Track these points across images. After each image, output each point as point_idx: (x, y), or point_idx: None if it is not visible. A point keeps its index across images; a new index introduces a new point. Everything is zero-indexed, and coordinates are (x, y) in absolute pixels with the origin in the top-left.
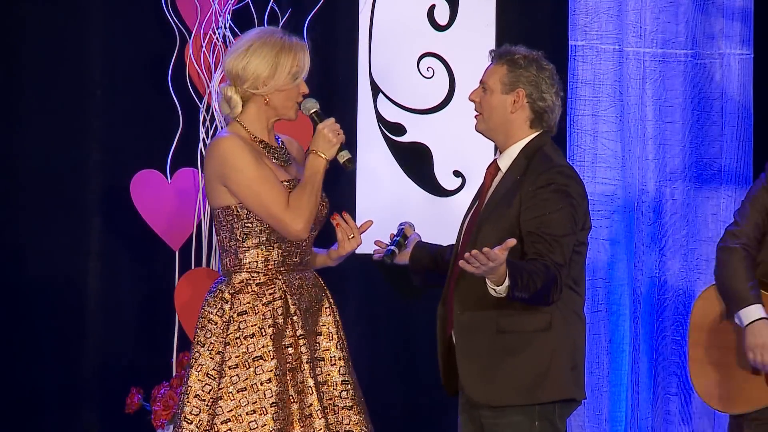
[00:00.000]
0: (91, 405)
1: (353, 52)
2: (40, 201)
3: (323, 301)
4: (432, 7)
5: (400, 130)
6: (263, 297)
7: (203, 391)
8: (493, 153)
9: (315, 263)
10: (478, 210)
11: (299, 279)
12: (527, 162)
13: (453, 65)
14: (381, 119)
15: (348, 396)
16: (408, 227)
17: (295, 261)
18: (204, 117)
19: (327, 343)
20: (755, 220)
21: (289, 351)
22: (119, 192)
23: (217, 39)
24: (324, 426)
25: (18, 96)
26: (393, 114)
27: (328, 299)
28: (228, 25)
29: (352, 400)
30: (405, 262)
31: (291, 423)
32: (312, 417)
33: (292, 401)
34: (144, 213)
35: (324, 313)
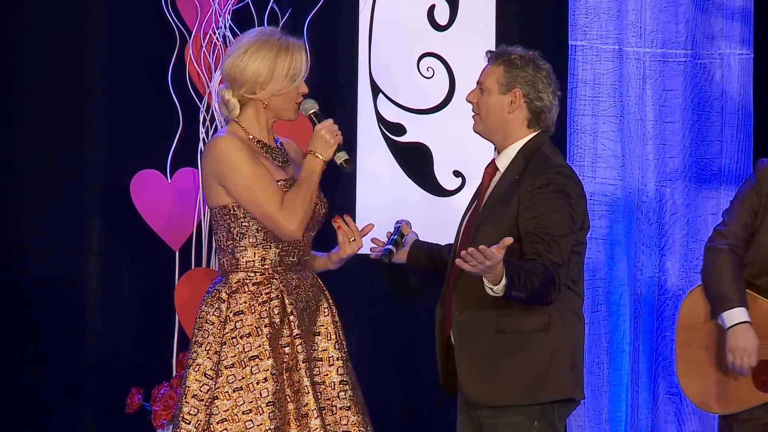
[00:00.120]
0: (91, 405)
1: (353, 52)
2: (40, 201)
3: (321, 302)
4: (432, 7)
5: (400, 130)
6: (260, 296)
7: (201, 391)
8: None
9: (316, 266)
10: (476, 210)
11: (297, 279)
12: (525, 162)
13: (453, 65)
14: (381, 119)
15: (346, 396)
16: (405, 226)
17: (293, 261)
18: (204, 117)
19: (325, 344)
20: (744, 220)
21: (286, 351)
22: (119, 192)
23: (217, 39)
24: (320, 426)
25: (18, 96)
26: (393, 114)
27: (326, 299)
28: (228, 25)
29: (350, 400)
30: (402, 261)
31: (288, 422)
32: (308, 417)
33: (288, 401)
34: (144, 213)
35: (322, 314)
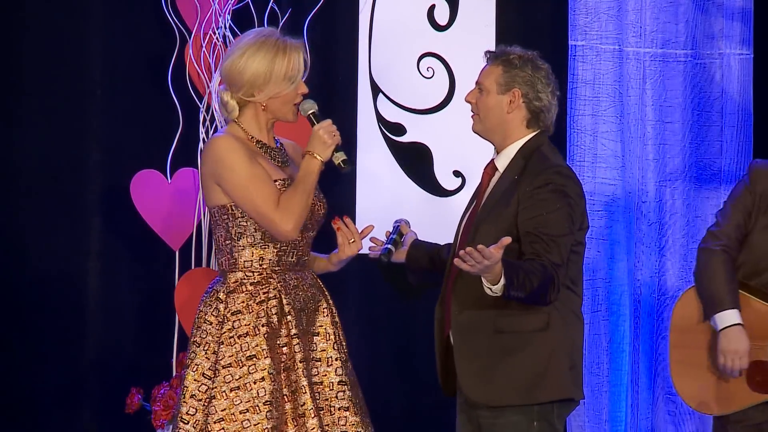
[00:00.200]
0: (91, 405)
1: (353, 52)
2: (40, 201)
3: (321, 302)
4: (432, 7)
5: (400, 130)
6: (257, 296)
7: (199, 391)
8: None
9: (316, 267)
10: (475, 210)
11: (295, 279)
12: (524, 162)
13: (453, 65)
14: (381, 119)
15: (344, 397)
16: (404, 225)
17: (292, 261)
18: (204, 117)
19: (324, 344)
20: (737, 221)
21: (284, 350)
22: (119, 192)
23: (217, 39)
24: (317, 425)
25: (18, 96)
26: (393, 114)
27: (326, 300)
28: (228, 25)
29: (348, 401)
30: (401, 260)
31: (285, 422)
32: (305, 416)
33: (286, 400)
34: (144, 213)
35: (321, 314)
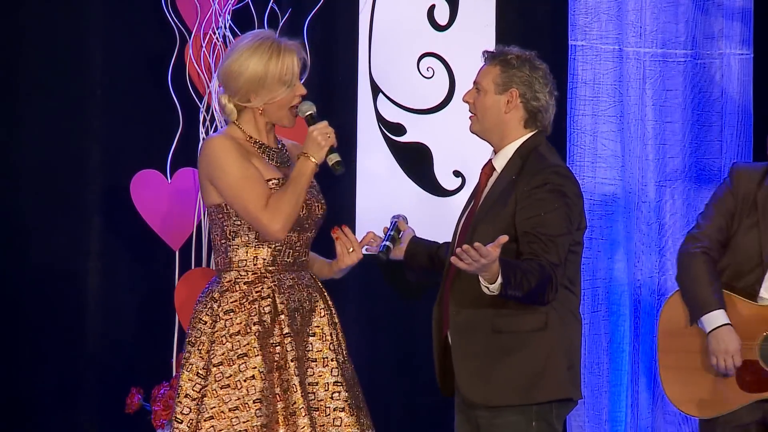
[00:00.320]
0: (91, 405)
1: (353, 52)
2: (40, 201)
3: (318, 302)
4: (432, 7)
5: (400, 130)
6: (250, 295)
7: (193, 391)
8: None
9: (319, 271)
10: (473, 210)
11: (291, 279)
12: (522, 162)
13: (453, 65)
14: (381, 119)
15: (340, 397)
16: (401, 221)
17: (288, 261)
18: (204, 117)
19: (320, 345)
20: (719, 224)
21: (277, 350)
22: (119, 192)
23: (217, 39)
24: (308, 424)
25: (18, 96)
26: (393, 114)
27: (324, 300)
28: (228, 25)
29: (344, 401)
30: (400, 257)
31: (276, 421)
32: (296, 415)
33: (278, 399)
34: (144, 213)
35: (318, 314)
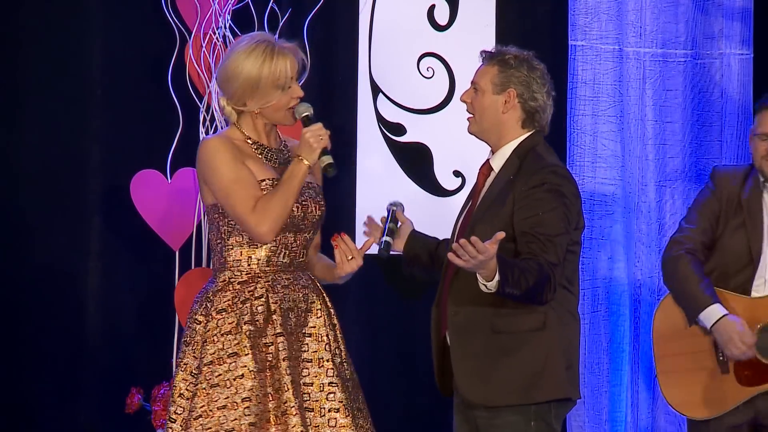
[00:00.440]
0: (91, 405)
1: (353, 52)
2: (40, 201)
3: (314, 303)
4: (432, 7)
5: (400, 130)
6: (243, 295)
7: (187, 390)
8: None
9: (322, 274)
10: (471, 210)
11: (287, 279)
12: (520, 162)
13: (453, 65)
14: (381, 119)
15: (335, 398)
16: (399, 212)
17: (284, 261)
18: (204, 117)
19: (316, 345)
20: (703, 226)
21: (270, 349)
22: (119, 192)
23: (217, 39)
24: (299, 423)
25: (18, 96)
26: (393, 114)
27: (321, 301)
28: (228, 25)
29: (339, 402)
30: (399, 251)
31: (267, 420)
32: (287, 414)
33: (270, 399)
34: (144, 213)
35: (315, 315)
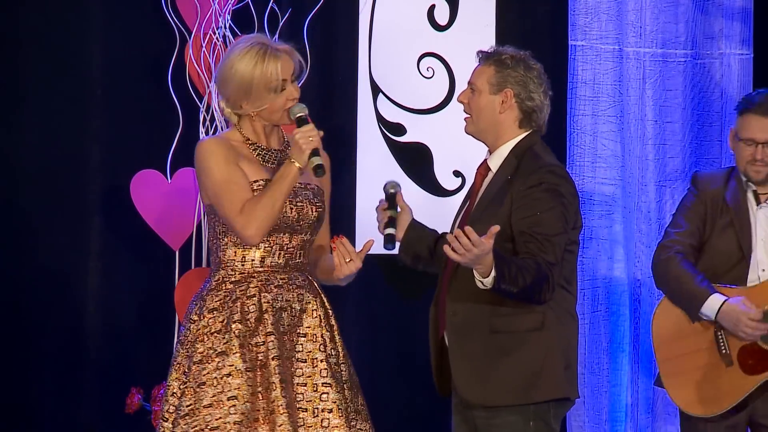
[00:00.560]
0: (91, 405)
1: (353, 52)
2: (40, 201)
3: (310, 303)
4: (432, 7)
5: (400, 130)
6: (234, 294)
7: (179, 390)
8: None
9: (326, 276)
10: (469, 210)
11: (281, 279)
12: (517, 162)
13: (453, 65)
14: (381, 119)
15: (329, 399)
16: (399, 194)
17: (279, 262)
18: (204, 117)
19: (310, 345)
20: (691, 229)
21: (261, 348)
22: (119, 192)
23: (217, 39)
24: (286, 422)
25: (18, 96)
26: (393, 114)
27: (318, 302)
28: (228, 25)
29: (333, 403)
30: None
31: (256, 419)
32: (274, 413)
33: (260, 398)
34: (144, 213)
35: (310, 315)
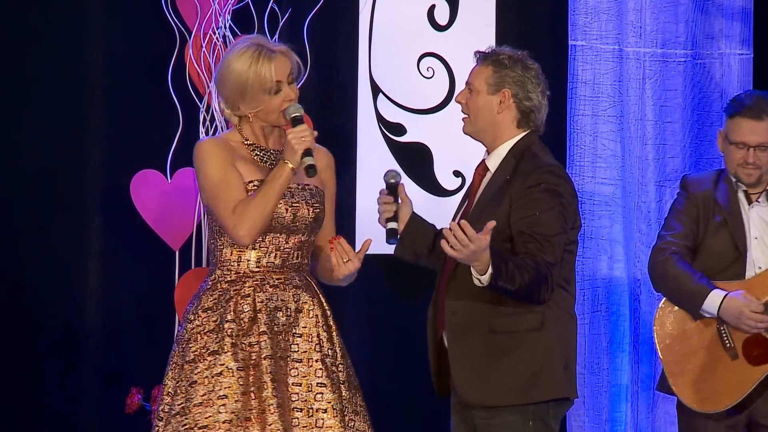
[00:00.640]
0: (91, 405)
1: (353, 52)
2: (40, 201)
3: (306, 303)
4: (432, 7)
5: (400, 130)
6: (228, 293)
7: (173, 389)
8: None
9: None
10: (467, 210)
11: (277, 279)
12: (516, 162)
13: (453, 65)
14: (381, 119)
15: (323, 399)
16: (401, 185)
17: (275, 262)
18: (204, 117)
19: (306, 345)
20: (684, 231)
21: (254, 348)
22: (119, 192)
23: (217, 39)
24: (276, 421)
25: (18, 96)
26: (393, 114)
27: (315, 302)
28: (228, 25)
29: (327, 403)
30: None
31: (248, 418)
32: (265, 413)
33: (252, 397)
34: (144, 213)
35: (306, 315)
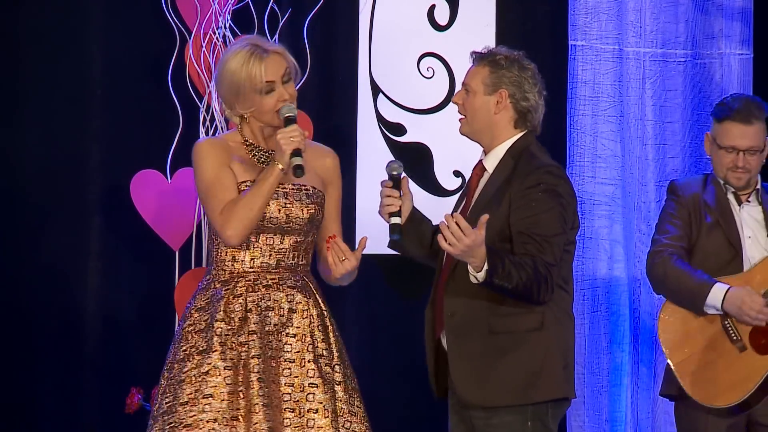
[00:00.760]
0: (91, 405)
1: (353, 52)
2: (40, 201)
3: (300, 303)
4: (432, 7)
5: (400, 130)
6: (220, 293)
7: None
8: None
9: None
10: (464, 211)
11: (272, 279)
12: (514, 162)
13: (453, 65)
14: (381, 119)
15: (315, 399)
16: (404, 179)
17: (269, 263)
18: (204, 117)
19: (299, 345)
20: (678, 234)
21: (244, 347)
22: (119, 192)
23: (217, 39)
24: (262, 420)
25: (18, 95)
26: (393, 114)
27: (313, 303)
28: (228, 25)
29: (319, 403)
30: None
31: (236, 417)
32: (251, 412)
33: (240, 396)
34: (144, 213)
35: (300, 315)
